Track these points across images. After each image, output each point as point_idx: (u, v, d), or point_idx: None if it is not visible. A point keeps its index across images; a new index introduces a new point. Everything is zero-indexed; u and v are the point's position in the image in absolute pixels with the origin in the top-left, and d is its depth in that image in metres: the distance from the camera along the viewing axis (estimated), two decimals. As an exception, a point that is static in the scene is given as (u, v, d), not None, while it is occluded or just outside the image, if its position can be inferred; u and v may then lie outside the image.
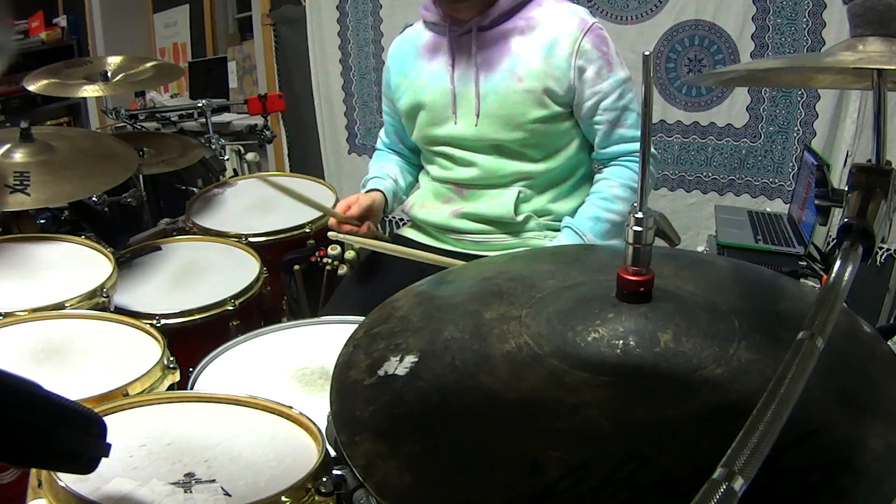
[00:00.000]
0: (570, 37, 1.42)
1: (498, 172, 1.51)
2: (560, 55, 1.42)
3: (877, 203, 0.60)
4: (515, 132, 1.46)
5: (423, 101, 1.54)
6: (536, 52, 1.43)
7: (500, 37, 1.46)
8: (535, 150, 1.49)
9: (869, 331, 0.69)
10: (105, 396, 0.99)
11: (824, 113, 2.26)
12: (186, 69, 3.29)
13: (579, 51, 1.41)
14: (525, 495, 0.51)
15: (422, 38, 1.58)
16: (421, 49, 1.57)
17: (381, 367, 0.67)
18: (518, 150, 1.49)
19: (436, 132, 1.55)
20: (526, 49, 1.44)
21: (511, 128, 1.46)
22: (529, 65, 1.43)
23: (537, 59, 1.43)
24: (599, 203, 1.48)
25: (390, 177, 1.70)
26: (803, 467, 0.52)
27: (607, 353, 0.63)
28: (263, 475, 0.82)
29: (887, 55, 0.67)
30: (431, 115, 1.54)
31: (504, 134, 1.47)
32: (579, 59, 1.42)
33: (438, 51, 1.53)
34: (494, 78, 1.46)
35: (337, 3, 3.00)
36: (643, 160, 0.66)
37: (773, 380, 0.45)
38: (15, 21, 3.71)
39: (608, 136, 1.48)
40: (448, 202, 1.59)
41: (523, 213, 1.51)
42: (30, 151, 1.56)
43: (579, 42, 1.41)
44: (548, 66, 1.42)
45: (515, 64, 1.44)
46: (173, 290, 1.56)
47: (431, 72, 1.53)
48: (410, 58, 1.58)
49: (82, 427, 0.65)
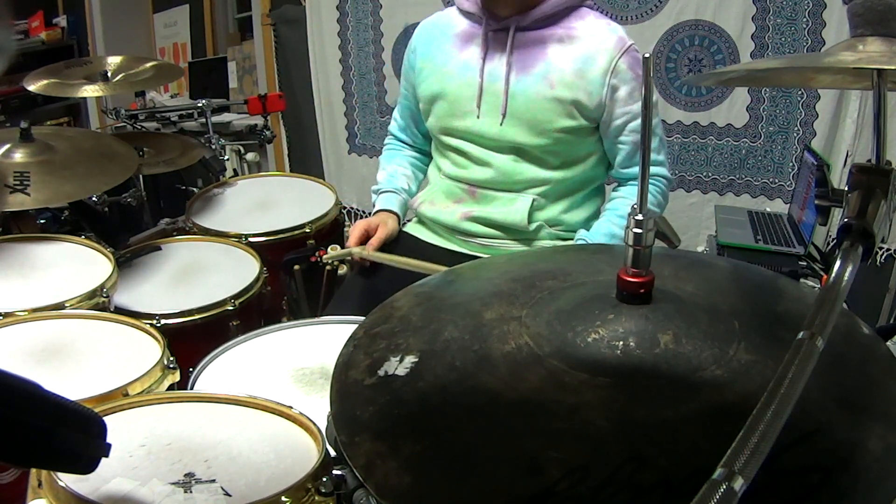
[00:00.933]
0: (608, 54, 1.42)
1: (514, 176, 1.49)
2: (595, 71, 1.42)
3: (877, 203, 0.60)
4: (539, 138, 1.45)
5: (447, 89, 1.51)
6: (572, 63, 1.42)
7: (538, 40, 1.45)
8: (555, 158, 1.48)
9: (868, 332, 0.69)
10: (105, 396, 0.99)
11: (824, 113, 2.26)
12: (186, 69, 3.29)
13: (615, 70, 1.41)
14: (525, 496, 0.51)
15: (455, 25, 1.55)
16: (453, 36, 1.54)
17: (381, 368, 0.67)
18: (538, 156, 1.48)
19: (455, 124, 1.52)
20: (562, 58, 1.43)
21: (535, 133, 1.45)
22: (563, 74, 1.42)
23: (572, 70, 1.42)
24: (616, 220, 1.49)
25: (403, 189, 1.68)
26: (803, 468, 0.52)
27: (607, 354, 0.63)
28: (263, 475, 0.82)
29: (887, 55, 0.67)
30: (453, 106, 1.52)
31: (527, 137, 1.46)
32: (614, 78, 1.42)
33: (471, 41, 1.50)
34: (526, 80, 1.44)
35: (337, 3, 3.00)
36: (643, 161, 0.66)
37: (773, 380, 0.45)
38: (15, 21, 3.71)
39: (632, 156, 1.49)
40: (459, 202, 1.56)
41: (536, 222, 1.50)
42: (30, 151, 1.56)
43: (616, 61, 1.41)
44: (581, 79, 1.42)
45: (549, 70, 1.43)
46: (173, 290, 1.56)
47: (461, 61, 1.51)
48: (440, 43, 1.55)
49: (82, 427, 0.65)
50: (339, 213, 1.96)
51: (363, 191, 3.14)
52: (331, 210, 1.91)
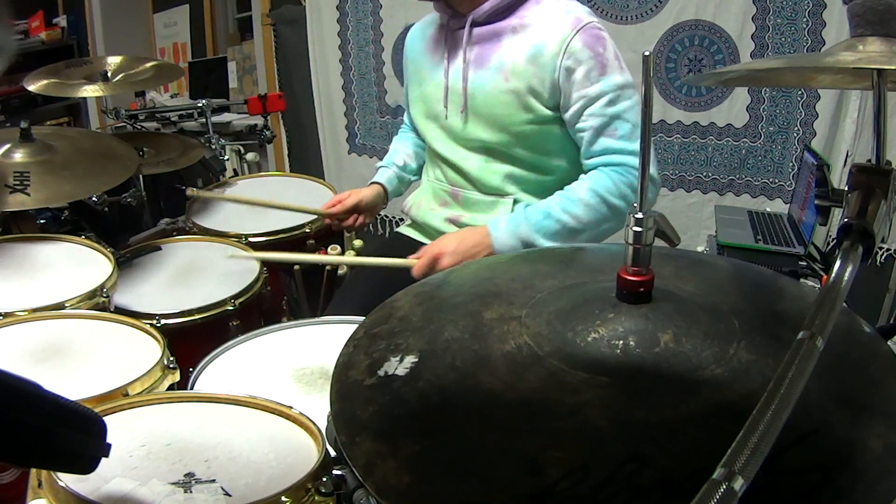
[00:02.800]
0: (560, 35, 1.34)
1: (488, 177, 1.47)
2: (547, 54, 1.35)
3: (877, 203, 0.60)
4: (501, 134, 1.43)
5: (423, 91, 1.55)
6: (524, 51, 1.38)
7: (493, 34, 1.42)
8: (525, 154, 1.44)
9: (868, 331, 0.69)
10: (105, 396, 0.99)
11: (824, 113, 2.26)
12: (186, 69, 3.29)
13: (567, 50, 1.33)
14: (524, 495, 0.51)
15: (431, 28, 1.57)
16: (427, 39, 1.56)
17: (381, 368, 0.67)
18: (507, 153, 1.45)
19: (430, 125, 1.55)
20: (515, 48, 1.39)
21: (497, 128, 1.43)
22: (515, 63, 1.38)
23: (524, 58, 1.37)
24: (560, 201, 1.38)
25: (395, 164, 1.71)
26: (803, 467, 0.52)
27: (607, 354, 0.63)
28: (263, 475, 0.82)
29: (887, 55, 0.67)
30: (428, 108, 1.54)
31: (490, 134, 1.44)
32: (567, 60, 1.34)
33: (439, 42, 1.52)
34: (483, 75, 1.42)
35: (337, 3, 3.00)
36: (643, 162, 0.66)
37: (773, 379, 0.45)
38: (15, 21, 3.71)
39: (591, 144, 1.36)
40: (444, 205, 1.57)
41: None
42: (30, 151, 1.56)
43: (569, 41, 1.33)
44: (533, 65, 1.36)
45: (503, 62, 1.40)
46: (173, 290, 1.56)
47: (431, 63, 1.53)
48: (419, 46, 1.58)
49: (82, 427, 0.65)
50: (340, 213, 1.96)
51: (363, 191, 3.14)
52: (331, 210, 1.91)
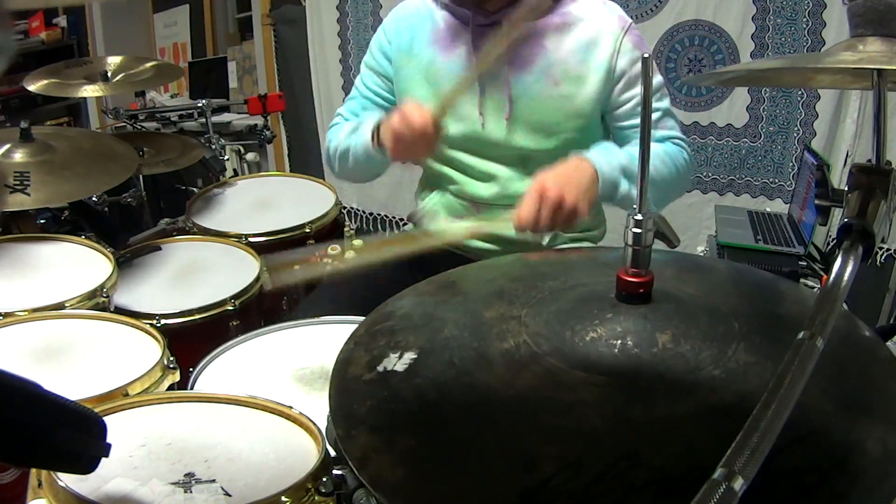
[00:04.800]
0: (612, 35, 1.29)
1: (520, 191, 1.26)
2: (601, 56, 1.29)
3: (877, 203, 0.60)
4: (549, 141, 1.33)
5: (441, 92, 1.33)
6: (575, 52, 1.30)
7: (532, 33, 1.30)
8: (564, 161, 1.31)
9: (868, 334, 0.69)
10: (105, 396, 0.99)
11: (824, 113, 2.26)
12: (186, 69, 3.28)
13: (621, 50, 1.29)
14: (517, 490, 0.52)
15: (435, 19, 1.39)
16: (435, 32, 1.38)
17: (380, 364, 0.67)
18: (546, 162, 1.26)
19: (453, 132, 1.36)
20: (563, 49, 1.30)
21: (545, 136, 1.33)
22: (566, 66, 1.30)
23: (576, 59, 1.30)
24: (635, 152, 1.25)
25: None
26: (800, 469, 0.52)
27: (605, 353, 0.63)
28: (263, 475, 0.82)
29: (887, 55, 0.67)
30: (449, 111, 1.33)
31: (536, 142, 1.33)
32: (622, 59, 1.30)
33: (457, 40, 1.35)
34: (527, 79, 1.31)
35: (337, 3, 3.01)
36: (643, 162, 0.66)
37: (773, 380, 0.45)
38: (15, 21, 3.71)
39: None
40: (462, 220, 1.42)
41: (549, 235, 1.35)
42: (30, 151, 1.56)
43: (621, 41, 1.29)
44: (587, 67, 1.30)
45: (551, 65, 1.30)
46: (173, 290, 1.56)
47: (448, 63, 1.35)
48: (420, 39, 1.39)
49: (82, 427, 0.65)
50: (339, 213, 1.96)
51: (363, 191, 3.14)
52: (331, 210, 1.91)
